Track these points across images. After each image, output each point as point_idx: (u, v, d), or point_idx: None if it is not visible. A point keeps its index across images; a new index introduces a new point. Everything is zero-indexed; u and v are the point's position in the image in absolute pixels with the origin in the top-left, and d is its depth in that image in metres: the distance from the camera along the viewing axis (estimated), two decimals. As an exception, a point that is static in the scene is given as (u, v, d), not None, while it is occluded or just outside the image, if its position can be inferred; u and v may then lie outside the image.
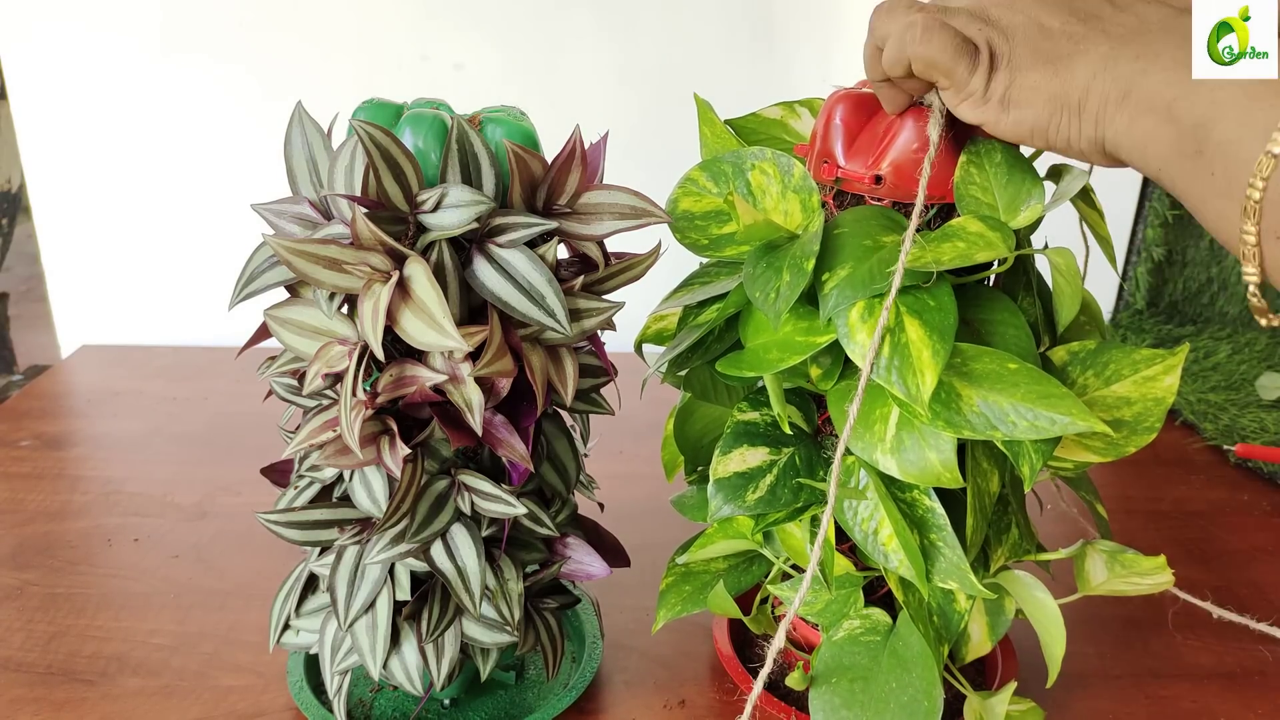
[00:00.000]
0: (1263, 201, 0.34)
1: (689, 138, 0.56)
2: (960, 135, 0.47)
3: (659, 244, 0.51)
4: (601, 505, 0.63)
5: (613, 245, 0.50)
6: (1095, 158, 0.41)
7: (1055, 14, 0.41)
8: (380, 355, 0.43)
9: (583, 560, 0.56)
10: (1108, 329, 0.53)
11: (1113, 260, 0.50)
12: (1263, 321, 0.39)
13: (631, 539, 0.62)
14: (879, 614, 0.53)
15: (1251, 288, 0.37)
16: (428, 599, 0.52)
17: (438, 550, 0.51)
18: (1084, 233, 0.51)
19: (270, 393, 0.53)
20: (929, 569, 0.49)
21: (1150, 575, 0.51)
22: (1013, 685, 0.54)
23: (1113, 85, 0.38)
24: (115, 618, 0.68)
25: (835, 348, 0.46)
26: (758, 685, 0.45)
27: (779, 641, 0.44)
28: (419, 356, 0.46)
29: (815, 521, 0.52)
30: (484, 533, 0.52)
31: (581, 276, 0.48)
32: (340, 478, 0.53)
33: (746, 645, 0.64)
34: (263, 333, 0.49)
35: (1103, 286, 1.23)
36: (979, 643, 0.55)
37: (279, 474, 0.57)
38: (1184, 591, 0.55)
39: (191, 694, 0.61)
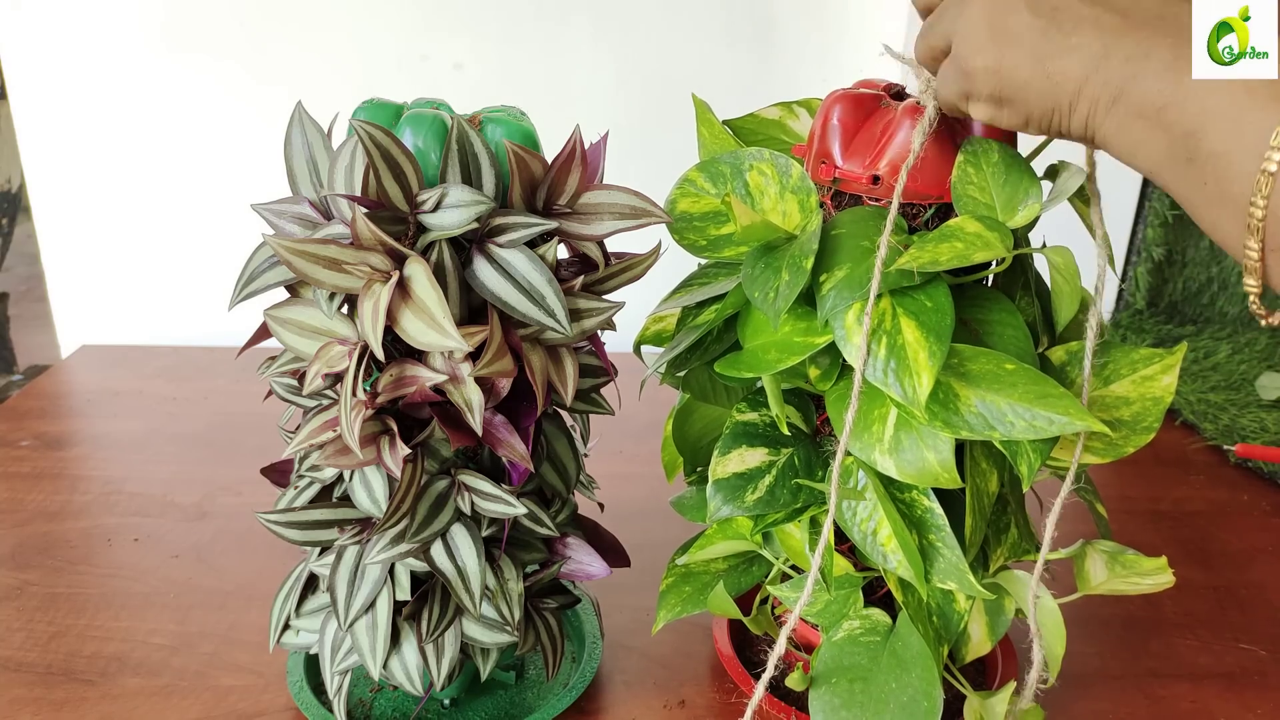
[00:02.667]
0: (1266, 220, 0.34)
1: (689, 137, 0.56)
2: (957, 134, 0.47)
3: (659, 244, 0.51)
4: (601, 505, 0.63)
5: (613, 245, 0.50)
6: (1090, 145, 0.41)
7: (1040, 5, 0.39)
8: (380, 355, 0.43)
9: (583, 560, 0.56)
10: (1107, 329, 0.53)
11: (1111, 261, 0.50)
12: (1264, 323, 0.39)
13: (631, 539, 0.62)
14: (878, 614, 0.53)
15: (1252, 297, 0.37)
16: (428, 599, 0.52)
17: (438, 550, 0.51)
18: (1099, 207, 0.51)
19: (270, 393, 0.53)
20: (928, 569, 0.49)
21: (1151, 575, 0.51)
22: (1012, 685, 0.54)
23: (1103, 89, 0.37)
24: (115, 618, 0.68)
25: (834, 348, 0.46)
26: (759, 689, 0.45)
27: (780, 647, 0.44)
28: (419, 356, 0.46)
29: (815, 523, 0.52)
30: (484, 533, 0.52)
31: (581, 276, 0.48)
32: (340, 478, 0.53)
33: (746, 645, 0.64)
34: (263, 333, 0.49)
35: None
36: (979, 643, 0.55)
37: (279, 474, 0.57)
38: (1184, 591, 0.55)
39: (191, 694, 0.61)
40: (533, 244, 0.46)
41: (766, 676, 0.45)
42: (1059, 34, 0.38)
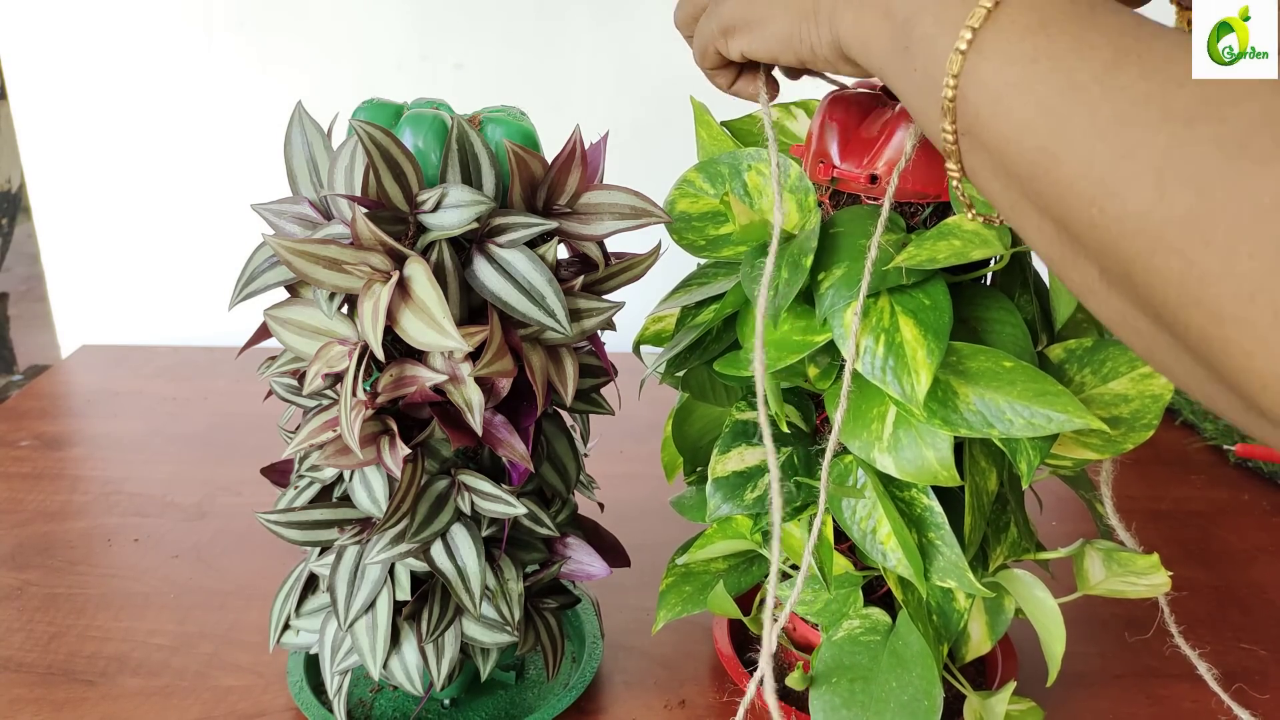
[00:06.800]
0: (955, 100, 0.34)
1: (689, 138, 0.56)
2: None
3: (659, 244, 0.51)
4: (601, 505, 0.63)
5: (613, 245, 0.50)
6: (839, 64, 0.41)
7: None
8: (380, 355, 0.43)
9: (583, 560, 0.56)
10: (1107, 329, 0.53)
11: None
12: (967, 216, 0.40)
13: (631, 539, 0.62)
14: (878, 613, 0.53)
15: (955, 182, 0.37)
16: (428, 599, 0.52)
17: (438, 550, 0.51)
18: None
19: (270, 393, 0.53)
20: (927, 568, 0.49)
21: (1146, 575, 0.51)
22: (1012, 685, 0.54)
23: None
24: (115, 618, 0.68)
25: (833, 347, 0.46)
26: (750, 689, 0.45)
27: (769, 645, 0.44)
28: (419, 356, 0.46)
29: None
30: (484, 533, 0.52)
31: (581, 276, 0.48)
32: (340, 478, 0.53)
33: (746, 645, 0.65)
34: (263, 333, 0.49)
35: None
36: (979, 642, 0.55)
37: (279, 474, 0.57)
38: (1184, 591, 0.55)
39: (191, 694, 0.61)
40: (533, 244, 0.46)
41: (758, 676, 0.44)
42: None
